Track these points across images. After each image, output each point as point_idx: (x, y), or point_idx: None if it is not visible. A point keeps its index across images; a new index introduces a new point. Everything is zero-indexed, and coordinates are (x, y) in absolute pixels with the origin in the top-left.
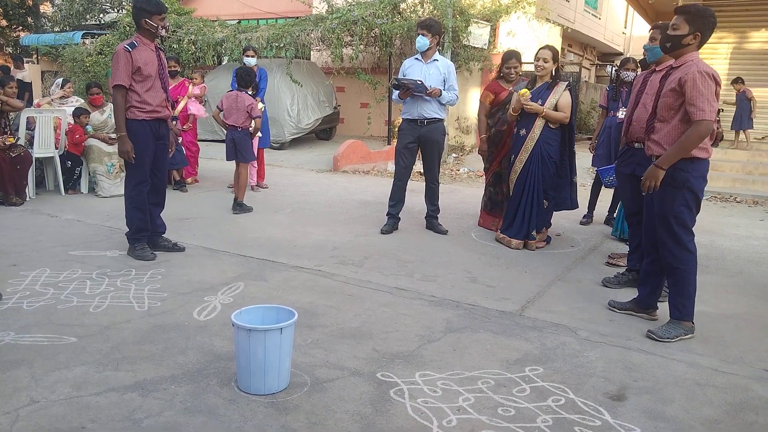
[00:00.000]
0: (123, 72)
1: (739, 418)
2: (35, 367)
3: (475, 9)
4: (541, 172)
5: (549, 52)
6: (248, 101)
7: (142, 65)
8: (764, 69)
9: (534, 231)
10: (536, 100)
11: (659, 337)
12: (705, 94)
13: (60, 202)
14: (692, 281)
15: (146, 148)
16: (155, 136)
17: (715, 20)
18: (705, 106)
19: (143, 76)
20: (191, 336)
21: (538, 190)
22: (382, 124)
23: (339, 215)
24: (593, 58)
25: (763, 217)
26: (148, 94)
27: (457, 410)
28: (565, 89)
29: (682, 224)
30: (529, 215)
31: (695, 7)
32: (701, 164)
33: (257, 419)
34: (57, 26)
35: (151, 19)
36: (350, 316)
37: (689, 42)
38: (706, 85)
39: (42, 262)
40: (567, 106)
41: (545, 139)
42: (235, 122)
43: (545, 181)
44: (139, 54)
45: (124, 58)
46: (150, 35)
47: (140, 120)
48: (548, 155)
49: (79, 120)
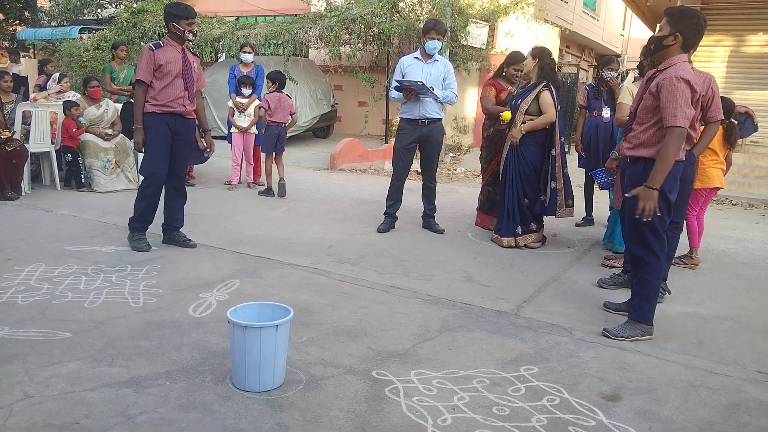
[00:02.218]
0: (144, 68)
1: (733, 420)
2: (29, 362)
3: (473, 9)
4: (518, 173)
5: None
6: (289, 101)
7: (164, 63)
8: (761, 72)
9: (519, 228)
10: (518, 101)
11: (613, 336)
12: (677, 100)
13: (56, 197)
14: (654, 285)
15: (157, 140)
16: (171, 130)
17: (700, 22)
18: (677, 112)
19: (163, 74)
20: (186, 332)
21: (516, 189)
22: (379, 123)
23: (335, 213)
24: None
25: (758, 220)
26: (163, 91)
27: (452, 409)
28: (542, 89)
29: (650, 226)
30: (512, 213)
31: (679, 8)
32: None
33: (252, 416)
34: (54, 21)
35: (179, 23)
36: (346, 314)
37: (670, 43)
38: (679, 91)
39: (37, 257)
40: (546, 106)
41: (521, 141)
42: (281, 119)
43: (522, 180)
44: (163, 53)
45: (147, 56)
46: (178, 38)
47: (151, 113)
48: (523, 157)
49: (69, 113)
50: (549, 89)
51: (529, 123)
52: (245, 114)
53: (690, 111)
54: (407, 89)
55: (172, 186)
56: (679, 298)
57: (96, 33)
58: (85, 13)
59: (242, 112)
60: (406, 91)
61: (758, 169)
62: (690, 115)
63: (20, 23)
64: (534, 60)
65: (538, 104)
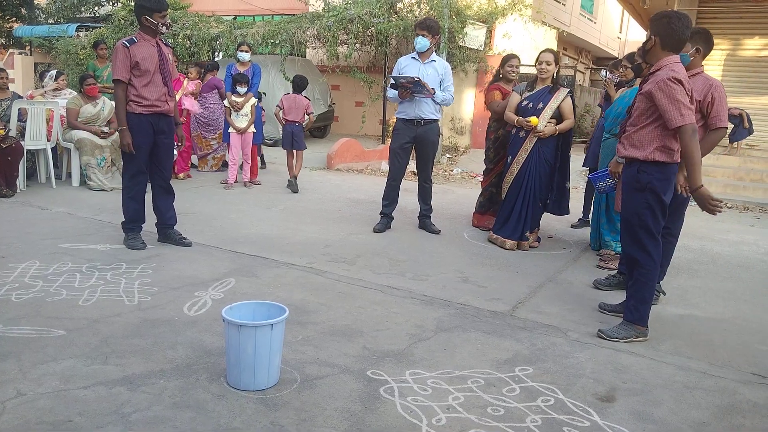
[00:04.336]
0: (121, 67)
1: (727, 421)
2: (23, 359)
3: (471, 10)
4: (537, 173)
5: (551, 55)
6: (305, 102)
7: (140, 60)
8: (757, 76)
9: (528, 232)
10: (537, 104)
11: (608, 337)
12: (679, 100)
13: (51, 195)
14: (650, 286)
15: (143, 141)
16: (155, 130)
17: (673, 20)
18: (682, 110)
19: (141, 71)
20: (181, 331)
21: (534, 191)
22: (376, 123)
23: (332, 213)
24: (588, 62)
25: (753, 223)
26: (145, 89)
27: (446, 409)
28: (567, 96)
29: (644, 227)
30: (524, 216)
31: (657, 13)
32: (666, 168)
33: (246, 415)
34: (51, 18)
35: (152, 16)
36: (341, 314)
37: (648, 47)
38: (677, 92)
39: (31, 255)
40: (570, 112)
41: (542, 141)
42: (295, 118)
43: (541, 182)
44: (138, 49)
45: (122, 54)
46: (151, 32)
47: (137, 114)
48: (545, 157)
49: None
50: (572, 96)
51: (559, 125)
52: (241, 113)
53: (692, 107)
54: (403, 87)
55: (158, 185)
56: (674, 300)
57: (93, 31)
58: (83, 10)
59: (238, 111)
60: (402, 89)
61: (753, 172)
62: (692, 108)
63: (17, 20)
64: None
65: (559, 109)
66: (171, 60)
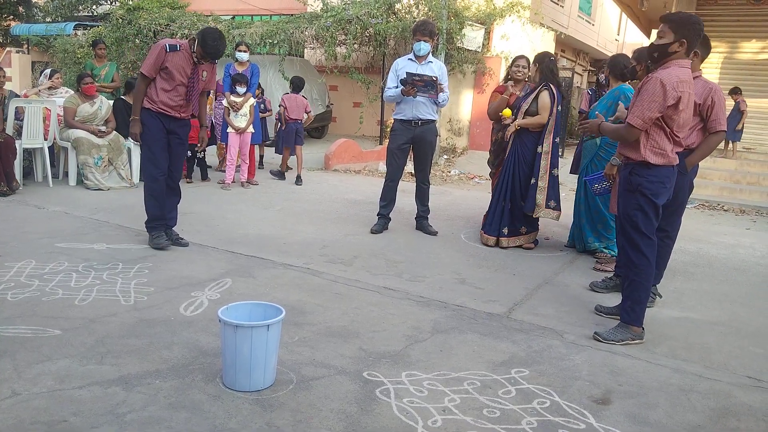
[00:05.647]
0: (151, 63)
1: (722, 424)
2: (18, 359)
3: (469, 12)
4: (515, 171)
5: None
6: (304, 101)
7: (170, 67)
8: (755, 79)
9: (505, 228)
10: (521, 103)
11: (604, 339)
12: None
13: (47, 194)
14: (645, 287)
15: (154, 136)
16: (167, 129)
17: (701, 27)
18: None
19: (167, 77)
20: (177, 331)
21: (513, 189)
22: (374, 124)
23: (329, 214)
24: (586, 64)
25: (749, 226)
26: (165, 93)
27: (442, 411)
28: (542, 89)
29: (636, 228)
30: (501, 213)
31: (679, 15)
32: (657, 170)
33: (242, 416)
34: (49, 16)
35: (198, 49)
36: (338, 315)
37: (675, 50)
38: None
39: (28, 254)
40: (543, 108)
41: (521, 141)
42: (297, 117)
43: (520, 180)
44: (174, 57)
45: (158, 54)
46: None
47: (147, 109)
48: (522, 156)
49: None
50: (548, 89)
51: (520, 120)
52: (240, 113)
53: (653, 114)
54: (412, 84)
55: (167, 185)
56: (670, 303)
57: (91, 29)
58: (80, 9)
59: (236, 111)
60: (410, 86)
61: (750, 175)
62: (651, 118)
63: (14, 18)
64: (535, 66)
65: (537, 105)
66: (205, 77)
